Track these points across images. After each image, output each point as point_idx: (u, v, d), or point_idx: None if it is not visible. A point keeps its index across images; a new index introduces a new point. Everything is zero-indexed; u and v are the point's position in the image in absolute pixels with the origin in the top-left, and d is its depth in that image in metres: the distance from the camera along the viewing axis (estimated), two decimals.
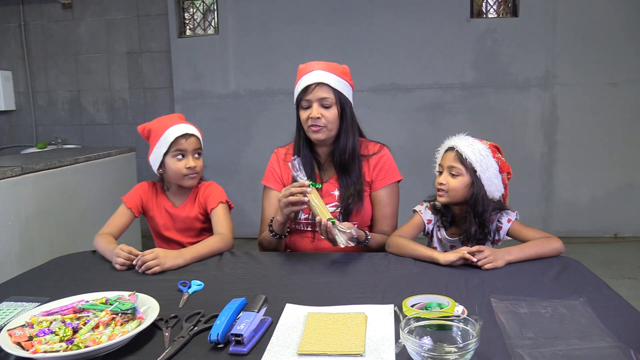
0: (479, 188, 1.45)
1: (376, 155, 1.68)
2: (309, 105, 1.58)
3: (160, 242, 1.78)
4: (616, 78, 3.86)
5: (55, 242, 2.56)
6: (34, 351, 0.91)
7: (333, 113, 1.57)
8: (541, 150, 4.01)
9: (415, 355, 0.85)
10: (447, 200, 1.50)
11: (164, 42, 4.34)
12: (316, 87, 1.56)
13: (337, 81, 1.57)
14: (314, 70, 1.58)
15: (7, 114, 4.68)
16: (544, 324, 1.00)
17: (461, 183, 1.46)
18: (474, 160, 1.44)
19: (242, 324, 0.95)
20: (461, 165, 1.45)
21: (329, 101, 1.56)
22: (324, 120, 1.57)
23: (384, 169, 1.67)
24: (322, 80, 1.55)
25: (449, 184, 1.47)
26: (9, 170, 2.28)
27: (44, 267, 1.55)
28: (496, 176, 1.47)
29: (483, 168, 1.44)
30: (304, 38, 4.04)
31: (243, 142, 4.26)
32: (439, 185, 1.49)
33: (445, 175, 1.48)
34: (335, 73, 1.58)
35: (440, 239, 1.59)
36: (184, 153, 1.66)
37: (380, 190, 1.67)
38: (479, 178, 1.45)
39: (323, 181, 1.69)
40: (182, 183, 1.70)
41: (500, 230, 1.52)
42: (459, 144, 1.47)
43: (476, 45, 3.94)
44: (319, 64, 1.60)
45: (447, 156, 1.49)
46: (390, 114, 4.05)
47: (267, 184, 1.75)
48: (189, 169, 1.66)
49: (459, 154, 1.45)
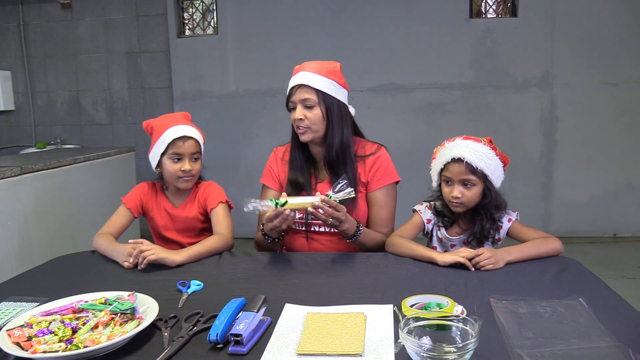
0: (493, 190, 1.48)
1: (373, 155, 1.67)
2: (294, 107, 1.60)
3: (160, 242, 1.77)
4: (615, 78, 3.86)
5: (54, 242, 2.56)
6: (33, 351, 0.91)
7: (315, 114, 1.57)
8: (540, 150, 4.02)
9: (415, 355, 0.85)
10: (464, 210, 1.50)
11: (163, 42, 4.34)
12: (298, 89, 1.57)
13: (320, 81, 1.57)
14: (298, 72, 1.60)
15: (6, 114, 4.68)
16: (543, 323, 1.00)
17: (476, 192, 1.47)
18: (485, 166, 1.44)
19: (242, 324, 0.95)
20: (473, 176, 1.45)
21: (311, 102, 1.56)
22: (307, 121, 1.57)
23: (381, 169, 1.66)
24: (303, 82, 1.57)
25: (464, 196, 1.46)
26: (8, 170, 2.27)
27: (43, 267, 1.55)
28: (501, 171, 1.50)
29: (492, 170, 1.46)
30: (304, 38, 4.04)
31: (243, 142, 4.26)
32: (454, 199, 1.47)
33: (457, 187, 1.46)
34: (321, 73, 1.58)
35: (441, 238, 1.59)
36: (181, 156, 1.65)
37: (377, 191, 1.66)
38: (491, 181, 1.47)
39: (318, 181, 1.69)
40: (176, 184, 1.70)
41: (500, 230, 1.52)
42: (465, 155, 1.43)
43: (475, 45, 3.94)
44: (308, 65, 1.61)
45: (456, 168, 1.46)
46: (390, 114, 4.05)
47: (264, 182, 1.76)
48: (184, 171, 1.66)
49: (469, 165, 1.43)
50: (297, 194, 1.64)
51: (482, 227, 1.49)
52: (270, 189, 1.73)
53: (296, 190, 1.65)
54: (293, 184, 1.66)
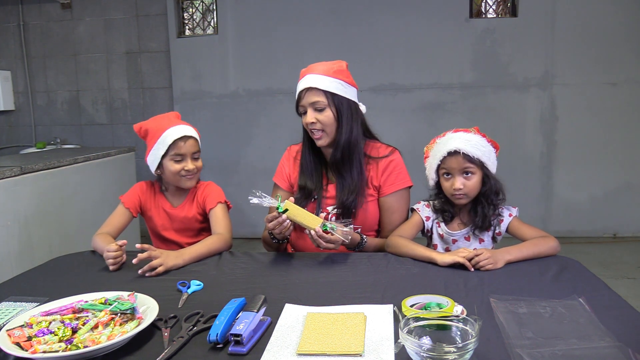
0: (491, 176, 1.51)
1: (386, 158, 1.65)
2: (304, 111, 1.59)
3: (159, 242, 1.77)
4: (615, 78, 3.86)
5: (54, 242, 2.56)
6: (33, 351, 0.91)
7: (327, 115, 1.56)
8: (540, 150, 4.02)
9: (415, 355, 0.85)
10: (467, 201, 1.52)
11: (163, 42, 4.34)
12: (306, 93, 1.56)
13: (328, 82, 1.55)
14: (305, 76, 1.59)
15: (6, 114, 4.68)
16: (543, 323, 1.00)
17: (477, 181, 1.49)
18: (480, 154, 1.47)
19: (242, 324, 0.95)
20: (472, 164, 1.47)
21: (321, 104, 1.55)
22: (320, 124, 1.56)
23: (394, 173, 1.64)
24: (311, 84, 1.55)
25: (466, 187, 1.48)
26: (8, 170, 2.27)
27: (43, 267, 1.55)
28: (494, 157, 1.53)
29: (487, 157, 1.49)
30: (304, 38, 4.04)
31: (242, 142, 4.26)
32: (456, 191, 1.49)
33: (459, 179, 1.48)
34: (328, 74, 1.56)
35: (442, 235, 1.58)
36: (183, 156, 1.65)
37: (389, 196, 1.65)
38: (488, 168, 1.50)
39: (330, 182, 1.67)
40: (180, 184, 1.70)
41: (501, 223, 1.54)
42: (461, 146, 1.46)
43: (475, 45, 3.94)
44: (315, 67, 1.59)
45: (453, 160, 1.48)
46: (390, 113, 4.05)
47: (275, 181, 1.77)
48: (187, 171, 1.66)
49: (467, 155, 1.46)
50: (307, 199, 1.64)
51: (485, 215, 1.51)
52: (280, 188, 1.74)
53: (305, 195, 1.65)
54: (302, 189, 1.66)
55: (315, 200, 1.65)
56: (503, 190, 1.54)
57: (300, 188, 1.66)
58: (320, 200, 1.64)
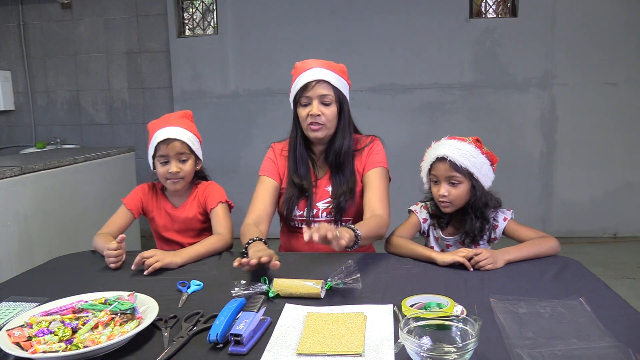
0: (479, 188, 1.47)
1: (367, 146, 1.68)
2: (308, 102, 1.57)
3: (161, 243, 1.78)
4: (615, 78, 3.86)
5: (54, 242, 2.56)
6: (33, 351, 0.91)
7: (332, 111, 1.57)
8: (540, 150, 4.02)
9: (415, 355, 0.85)
10: (453, 210, 1.50)
11: (163, 42, 4.34)
12: (316, 84, 1.55)
13: (336, 79, 1.57)
14: (314, 68, 1.56)
15: (6, 114, 4.68)
16: (543, 324, 1.00)
17: (463, 190, 1.47)
18: (469, 164, 1.44)
19: (242, 324, 0.95)
20: (458, 173, 1.45)
21: (329, 98, 1.56)
22: (324, 118, 1.56)
23: (373, 153, 1.66)
24: (323, 77, 1.55)
25: (451, 195, 1.46)
26: (8, 170, 2.27)
27: (43, 267, 1.55)
28: (488, 169, 1.49)
29: (477, 168, 1.46)
30: (304, 38, 4.04)
31: (242, 142, 4.26)
32: (441, 197, 1.48)
33: (444, 186, 1.47)
34: (334, 71, 1.58)
35: (437, 238, 1.59)
36: (167, 158, 1.65)
37: (370, 171, 1.64)
38: (477, 179, 1.46)
39: (317, 178, 1.68)
40: (166, 186, 1.71)
41: (496, 229, 1.53)
42: (449, 154, 1.44)
43: (475, 45, 3.94)
44: (317, 61, 1.59)
45: (441, 167, 1.47)
46: (390, 114, 4.05)
47: (265, 174, 1.70)
48: (171, 173, 1.65)
49: (453, 163, 1.44)
50: (300, 196, 1.63)
51: (472, 226, 1.49)
52: (270, 179, 1.68)
53: (299, 192, 1.64)
54: (296, 185, 1.65)
55: (307, 197, 1.65)
56: (495, 204, 1.52)
57: (294, 185, 1.65)
58: (311, 196, 1.65)
